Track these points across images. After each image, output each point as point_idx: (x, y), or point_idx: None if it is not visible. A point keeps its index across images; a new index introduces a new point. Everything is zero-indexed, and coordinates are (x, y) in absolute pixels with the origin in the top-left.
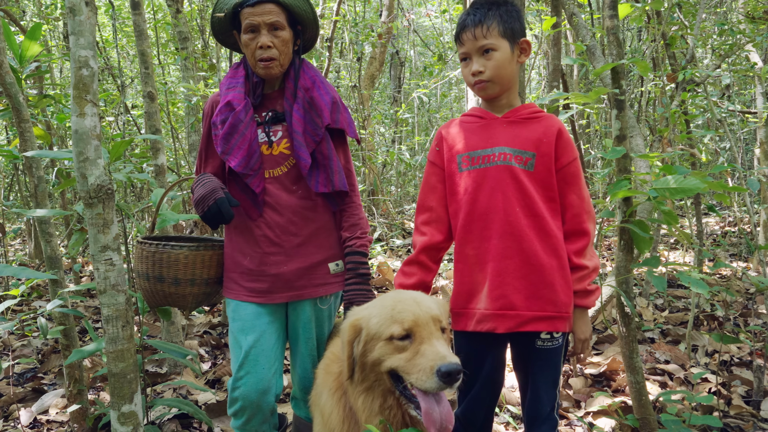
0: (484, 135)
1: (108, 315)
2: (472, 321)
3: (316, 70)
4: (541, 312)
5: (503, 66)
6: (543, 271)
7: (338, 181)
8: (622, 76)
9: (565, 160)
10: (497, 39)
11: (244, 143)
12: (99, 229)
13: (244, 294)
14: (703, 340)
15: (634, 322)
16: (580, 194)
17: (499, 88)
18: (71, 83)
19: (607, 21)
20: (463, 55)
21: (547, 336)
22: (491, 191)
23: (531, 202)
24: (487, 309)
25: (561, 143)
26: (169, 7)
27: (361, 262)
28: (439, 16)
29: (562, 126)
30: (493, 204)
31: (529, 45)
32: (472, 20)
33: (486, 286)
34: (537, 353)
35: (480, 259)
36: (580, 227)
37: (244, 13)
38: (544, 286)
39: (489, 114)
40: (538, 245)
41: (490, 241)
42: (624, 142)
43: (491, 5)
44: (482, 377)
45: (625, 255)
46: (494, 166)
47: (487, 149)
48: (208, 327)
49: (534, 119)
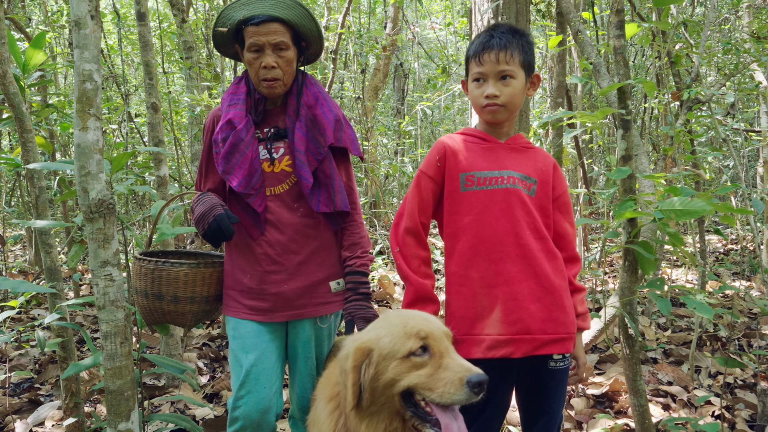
0: (491, 157)
1: (106, 331)
2: (480, 347)
3: (319, 85)
4: (555, 334)
5: (517, 95)
6: (555, 293)
7: (340, 201)
8: (628, 96)
9: (560, 190)
10: (517, 67)
11: (245, 163)
12: (99, 244)
13: (244, 312)
14: (706, 362)
15: (637, 344)
16: (572, 222)
17: (508, 114)
18: (74, 97)
19: (614, 41)
20: (480, 76)
21: (559, 357)
22: (501, 213)
23: (538, 225)
24: (501, 334)
25: (557, 175)
26: (175, 16)
27: (362, 281)
28: (443, 29)
29: (554, 160)
30: (504, 226)
31: (539, 80)
32: (498, 43)
33: (497, 310)
34: (551, 375)
35: (487, 282)
36: (573, 253)
37: (249, 31)
38: (557, 308)
39: (492, 138)
40: (549, 268)
41: (501, 264)
42: (629, 162)
43: (514, 33)
44: (494, 401)
45: (630, 276)
46: (503, 189)
47: (494, 171)
48: (207, 339)
49: (530, 149)
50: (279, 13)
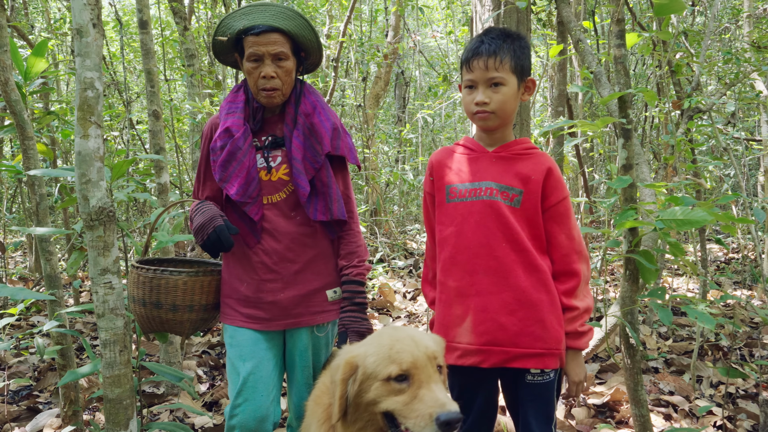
0: (473, 168)
1: (105, 339)
2: (453, 354)
3: (317, 94)
4: (529, 349)
5: (508, 101)
6: (532, 307)
7: (337, 210)
8: (629, 106)
9: (554, 199)
10: (507, 73)
11: (242, 171)
12: (99, 252)
13: (241, 320)
14: (707, 371)
15: (638, 354)
16: (570, 234)
17: (500, 122)
18: (76, 104)
19: (614, 50)
20: (470, 83)
21: (537, 371)
22: (476, 225)
23: (518, 237)
24: (470, 344)
25: (550, 182)
26: (177, 24)
27: (358, 291)
28: (444, 37)
29: (554, 164)
30: (479, 238)
31: (534, 84)
32: (486, 50)
33: (468, 320)
34: (528, 388)
35: (461, 292)
36: (569, 268)
37: (248, 41)
38: (533, 322)
39: (480, 147)
40: (527, 281)
41: (474, 276)
42: (630, 171)
43: (506, 37)
44: (474, 411)
45: (631, 285)
46: (480, 201)
47: (474, 183)
48: (206, 347)
49: (525, 155)
50: (279, 23)
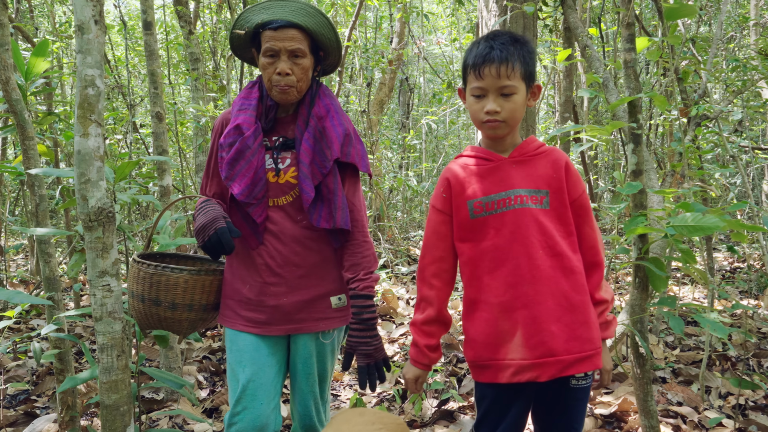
0: (495, 178)
1: (103, 343)
2: (505, 373)
3: (333, 97)
4: (581, 353)
5: (518, 109)
6: (575, 310)
7: (340, 219)
8: (639, 110)
9: (575, 193)
10: (518, 81)
11: (250, 171)
12: (98, 254)
13: (241, 323)
14: (716, 382)
15: (648, 364)
16: (592, 225)
17: (509, 129)
18: (76, 102)
19: (624, 54)
20: (479, 91)
21: (581, 375)
22: (511, 236)
23: (552, 242)
24: (525, 359)
25: (570, 177)
26: (182, 28)
27: (366, 305)
28: (449, 44)
29: (568, 159)
30: (516, 249)
31: (540, 89)
32: (498, 56)
33: (519, 335)
34: (572, 393)
35: (506, 306)
36: (595, 259)
37: (266, 36)
38: (579, 325)
39: (495, 155)
40: (566, 285)
41: (518, 288)
42: (640, 177)
43: (515, 42)
44: (506, 424)
45: (640, 293)
46: (511, 210)
47: (501, 193)
48: (207, 352)
49: (540, 155)
50: (298, 19)
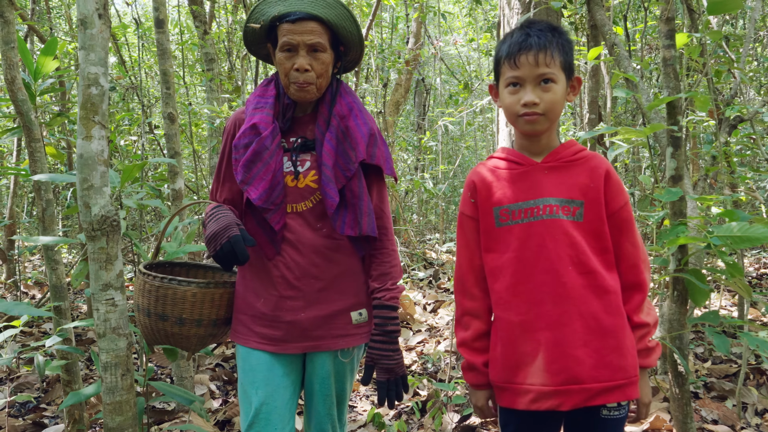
0: (525, 185)
1: (107, 362)
2: (524, 398)
3: (354, 95)
4: (610, 382)
5: (559, 101)
6: (607, 334)
7: (367, 225)
8: (679, 111)
9: (616, 205)
10: (558, 70)
11: (268, 173)
12: (101, 265)
13: (255, 340)
14: (752, 397)
15: (688, 383)
16: (634, 242)
17: (548, 124)
18: (78, 102)
19: (663, 51)
20: (514, 80)
21: (614, 405)
22: (538, 249)
23: (584, 257)
24: (545, 385)
25: (610, 186)
26: (197, 28)
27: (390, 317)
28: (465, 45)
29: (610, 166)
30: (542, 264)
31: (580, 83)
32: (536, 43)
33: (540, 358)
34: (602, 424)
35: (528, 326)
36: (637, 279)
37: (283, 29)
38: (610, 351)
39: (527, 159)
40: (598, 306)
41: (541, 307)
42: (680, 183)
43: (552, 30)
44: None
45: (679, 307)
46: (539, 221)
47: (529, 201)
48: (220, 359)
49: (578, 161)
50: (318, 11)
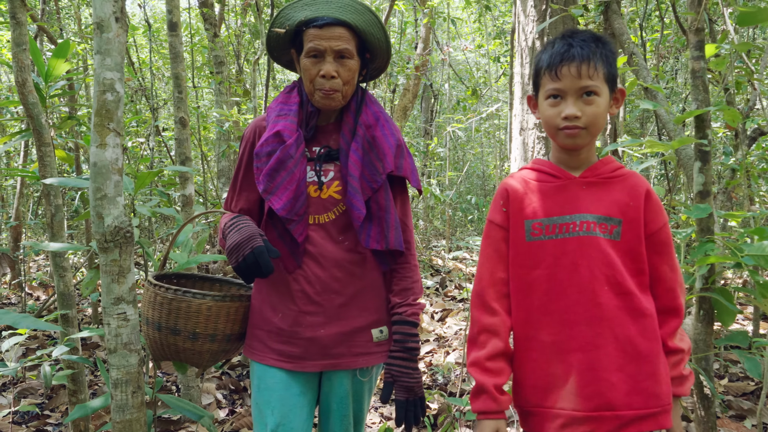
0: (561, 199)
1: (117, 378)
2: (553, 423)
3: (379, 105)
4: (644, 410)
5: (601, 115)
6: (641, 359)
7: (394, 239)
8: (708, 125)
9: (655, 226)
10: (601, 82)
11: (292, 183)
12: (113, 278)
13: (272, 357)
14: None
15: (714, 406)
16: (673, 265)
17: (589, 138)
18: (93, 109)
19: (692, 63)
20: (555, 92)
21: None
22: (573, 267)
23: (620, 278)
24: (577, 410)
25: (650, 206)
26: (207, 30)
27: (411, 333)
28: (474, 51)
29: (650, 186)
30: (577, 282)
31: (624, 95)
32: (579, 54)
33: (572, 381)
34: None
35: (560, 348)
36: (673, 304)
37: (309, 34)
38: (646, 377)
39: (564, 173)
40: (634, 329)
41: (574, 327)
42: (707, 199)
43: (596, 40)
44: None
45: (705, 328)
46: (575, 237)
47: (565, 216)
48: (227, 367)
49: (617, 178)
50: (346, 16)
